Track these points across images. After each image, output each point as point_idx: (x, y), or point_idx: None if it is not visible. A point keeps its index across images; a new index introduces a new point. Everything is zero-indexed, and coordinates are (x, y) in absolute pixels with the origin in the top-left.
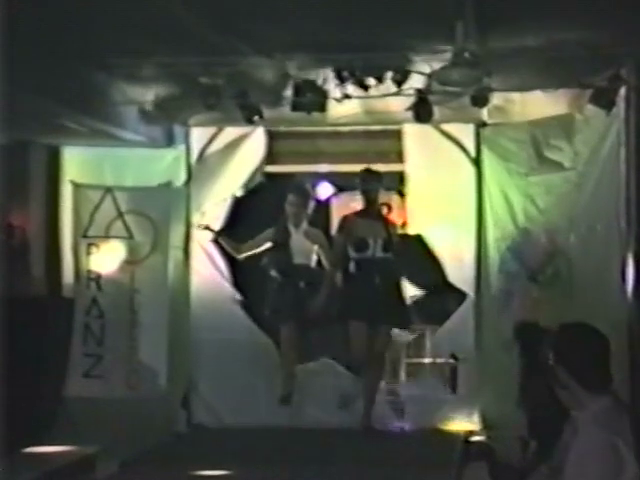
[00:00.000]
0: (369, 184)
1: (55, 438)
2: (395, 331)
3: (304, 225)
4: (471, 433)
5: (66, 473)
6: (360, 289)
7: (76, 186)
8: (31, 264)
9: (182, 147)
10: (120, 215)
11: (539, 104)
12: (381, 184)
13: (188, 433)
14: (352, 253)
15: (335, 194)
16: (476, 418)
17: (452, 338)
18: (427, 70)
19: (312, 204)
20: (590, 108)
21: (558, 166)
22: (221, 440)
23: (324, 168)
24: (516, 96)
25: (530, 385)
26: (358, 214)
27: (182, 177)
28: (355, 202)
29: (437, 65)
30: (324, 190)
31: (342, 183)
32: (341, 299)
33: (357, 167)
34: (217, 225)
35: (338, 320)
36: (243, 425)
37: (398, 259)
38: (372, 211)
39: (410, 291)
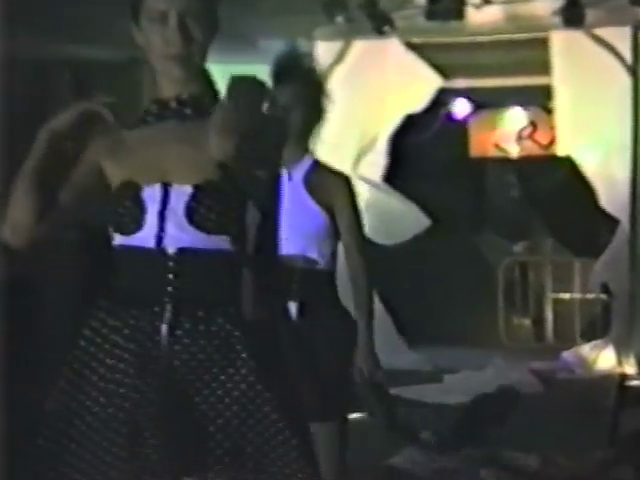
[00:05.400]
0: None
1: None
2: None
3: None
4: (627, 377)
5: None
6: None
7: None
8: None
9: None
10: None
11: None
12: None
13: None
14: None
15: (474, 112)
16: (632, 360)
17: (604, 271)
18: None
19: None
20: None
21: None
22: None
23: (461, 83)
24: None
25: None
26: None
27: None
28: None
29: None
30: (461, 107)
31: (481, 99)
32: None
33: (498, 81)
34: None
35: None
36: None
37: None
38: None
39: None
